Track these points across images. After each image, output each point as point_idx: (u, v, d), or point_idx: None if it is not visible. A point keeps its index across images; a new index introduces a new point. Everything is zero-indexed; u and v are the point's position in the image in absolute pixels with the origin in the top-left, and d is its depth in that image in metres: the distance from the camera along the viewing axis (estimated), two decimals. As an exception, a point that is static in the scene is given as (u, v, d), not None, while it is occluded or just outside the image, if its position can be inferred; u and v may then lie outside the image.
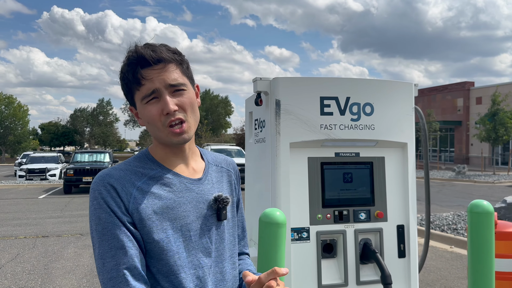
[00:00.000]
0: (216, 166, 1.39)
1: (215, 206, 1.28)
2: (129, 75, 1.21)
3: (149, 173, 1.23)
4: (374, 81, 2.63)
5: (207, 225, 1.26)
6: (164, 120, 1.20)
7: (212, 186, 1.32)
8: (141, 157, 1.28)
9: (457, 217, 9.26)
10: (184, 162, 1.30)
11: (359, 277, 2.55)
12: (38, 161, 23.48)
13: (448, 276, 5.73)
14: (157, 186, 1.21)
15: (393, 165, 2.69)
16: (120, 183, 1.17)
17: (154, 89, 1.19)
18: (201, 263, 1.23)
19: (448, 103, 36.60)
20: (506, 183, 19.83)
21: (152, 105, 1.20)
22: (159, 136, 1.24)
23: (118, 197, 1.15)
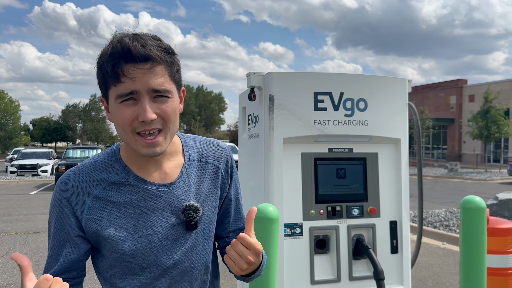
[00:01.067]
0: (200, 161, 1.23)
1: (182, 217, 1.16)
2: (108, 66, 1.03)
3: (111, 178, 1.13)
4: (368, 76, 2.62)
5: (174, 234, 1.16)
6: (136, 126, 1.06)
7: (188, 189, 1.19)
8: (109, 155, 1.17)
9: (449, 214, 9.32)
10: (156, 164, 1.16)
11: (352, 272, 2.55)
12: (29, 157, 23.31)
13: (440, 272, 5.76)
14: (117, 194, 1.12)
15: (386, 161, 2.69)
16: (74, 192, 1.11)
17: (133, 90, 1.03)
18: (163, 274, 1.17)
19: (441, 101, 36.80)
20: (497, 180, 20.00)
21: (127, 106, 1.05)
22: (127, 141, 1.09)
23: (70, 208, 1.12)
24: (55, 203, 1.14)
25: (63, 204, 1.12)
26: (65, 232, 1.13)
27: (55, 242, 1.15)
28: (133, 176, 1.14)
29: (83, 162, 1.17)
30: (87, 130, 67.39)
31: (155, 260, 1.15)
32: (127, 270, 1.15)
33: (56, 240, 1.15)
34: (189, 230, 1.17)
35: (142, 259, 1.14)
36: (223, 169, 1.29)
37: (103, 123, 69.93)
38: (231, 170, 1.32)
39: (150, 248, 1.14)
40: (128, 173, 1.14)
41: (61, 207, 1.12)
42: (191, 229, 1.17)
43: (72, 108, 69.88)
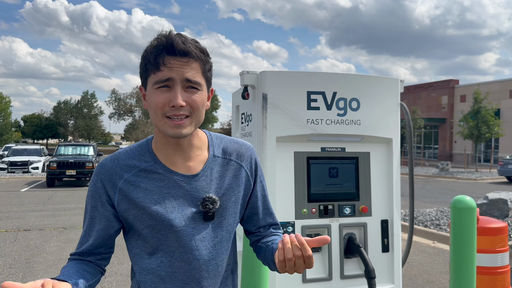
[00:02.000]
0: (223, 158, 1.33)
1: (200, 207, 1.26)
2: (151, 56, 1.19)
3: (142, 165, 1.26)
4: (361, 76, 2.64)
5: (192, 223, 1.26)
6: (166, 110, 1.19)
7: (209, 182, 1.28)
8: (142, 145, 1.31)
9: (440, 213, 9.40)
10: (182, 157, 1.28)
11: (343, 271, 2.57)
12: (20, 153, 23.10)
13: (431, 270, 5.81)
14: (145, 180, 1.25)
15: (378, 160, 2.70)
16: (108, 175, 1.26)
17: (169, 77, 1.18)
18: (182, 257, 1.26)
19: (433, 101, 37.03)
20: (488, 180, 20.19)
21: (161, 92, 1.19)
22: (156, 124, 1.23)
23: (103, 189, 1.26)
24: (92, 184, 1.28)
25: (98, 184, 1.26)
26: (98, 210, 1.27)
27: (90, 219, 1.29)
28: (160, 165, 1.26)
29: (119, 150, 1.31)
30: (78, 127, 66.91)
31: (175, 244, 1.25)
32: (149, 250, 1.27)
33: (91, 218, 1.29)
34: (206, 220, 1.27)
35: (163, 242, 1.25)
36: (247, 167, 1.37)
37: (95, 120, 69.50)
38: (255, 168, 1.40)
39: (171, 232, 1.24)
40: (156, 162, 1.26)
41: (96, 187, 1.27)
42: (208, 219, 1.27)
43: (63, 104, 69.34)
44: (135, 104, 67.64)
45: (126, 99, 68.45)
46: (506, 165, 18.87)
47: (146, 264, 1.28)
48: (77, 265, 1.25)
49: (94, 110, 69.79)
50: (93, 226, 1.29)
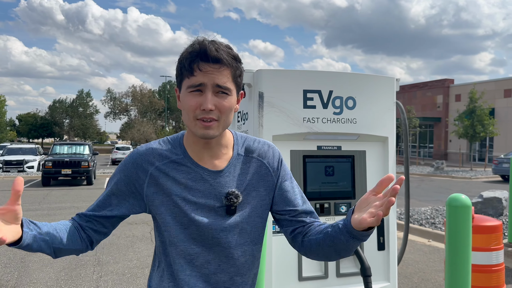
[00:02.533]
0: (246, 156, 1.42)
1: (224, 201, 1.35)
2: (186, 62, 1.29)
3: (172, 157, 1.36)
4: (357, 75, 2.65)
5: (214, 215, 1.34)
6: (197, 113, 1.28)
7: (232, 179, 1.37)
8: (175, 139, 1.41)
9: (435, 212, 9.44)
10: (209, 154, 1.37)
11: (339, 269, 2.57)
12: (15, 152, 22.99)
13: (426, 269, 5.84)
14: (174, 171, 1.35)
15: (374, 158, 2.71)
16: (142, 160, 1.36)
17: (201, 83, 1.27)
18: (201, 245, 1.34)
19: (428, 100, 37.16)
20: (482, 178, 20.29)
21: (194, 95, 1.28)
22: (187, 125, 1.33)
23: (134, 170, 1.36)
24: (123, 164, 1.39)
25: (129, 166, 1.37)
26: (119, 189, 1.38)
27: (109, 192, 1.39)
28: (189, 159, 1.36)
29: (154, 141, 1.42)
30: (74, 126, 66.67)
31: (198, 234, 1.33)
32: (174, 239, 1.34)
33: (111, 191, 1.39)
34: (229, 214, 1.35)
35: (188, 231, 1.33)
36: (269, 164, 1.44)
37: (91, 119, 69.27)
38: (279, 164, 1.47)
39: (193, 222, 1.32)
40: (186, 156, 1.36)
41: (126, 167, 1.37)
42: (231, 213, 1.35)
43: (59, 103, 69.04)
44: (131, 103, 67.45)
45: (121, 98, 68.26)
46: (501, 164, 18.97)
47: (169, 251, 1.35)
48: (65, 223, 1.35)
49: (89, 109, 69.56)
50: (110, 200, 1.39)
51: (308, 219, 1.46)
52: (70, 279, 5.32)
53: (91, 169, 16.89)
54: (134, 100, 66.71)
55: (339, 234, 1.29)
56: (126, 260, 6.16)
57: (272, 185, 1.44)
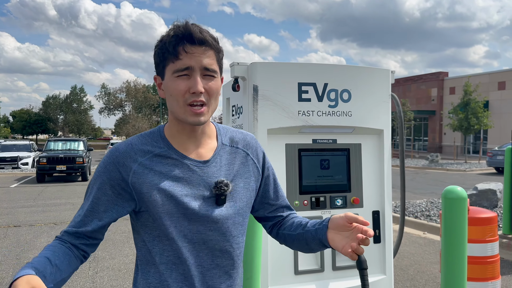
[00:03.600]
0: (231, 147, 1.39)
1: (214, 191, 1.31)
2: (169, 46, 1.24)
3: (155, 150, 1.30)
4: (352, 67, 2.63)
5: (205, 206, 1.30)
6: (187, 97, 1.24)
7: (219, 168, 1.34)
8: (154, 132, 1.35)
9: (430, 204, 9.48)
10: (194, 144, 1.33)
11: (335, 262, 2.57)
12: (9, 149, 22.84)
13: (421, 261, 5.87)
14: (159, 164, 1.29)
15: (370, 151, 2.71)
16: (123, 157, 1.28)
17: (188, 66, 1.23)
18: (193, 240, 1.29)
19: (422, 93, 37.24)
20: (477, 171, 20.40)
21: (181, 80, 1.24)
22: (176, 112, 1.27)
23: (116, 171, 1.27)
24: (102, 166, 1.30)
25: (110, 167, 1.28)
26: (105, 193, 1.28)
27: (94, 201, 1.29)
28: (174, 151, 1.30)
29: (132, 137, 1.35)
30: (68, 122, 66.29)
31: (189, 227, 1.28)
32: (164, 234, 1.28)
33: (95, 199, 1.29)
34: (218, 204, 1.31)
35: (178, 224, 1.28)
36: (253, 155, 1.44)
37: (85, 115, 68.90)
38: (263, 156, 1.47)
39: (185, 215, 1.27)
40: (170, 148, 1.31)
41: (107, 170, 1.28)
42: (221, 204, 1.31)
43: (52, 99, 68.60)
44: (125, 98, 67.12)
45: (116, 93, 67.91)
46: (495, 156, 19.07)
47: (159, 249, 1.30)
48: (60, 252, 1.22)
49: (83, 105, 69.16)
50: (97, 208, 1.29)
51: (285, 213, 1.52)
52: (66, 275, 5.30)
53: (86, 165, 16.81)
54: (128, 96, 66.39)
55: (311, 240, 1.37)
56: (122, 256, 6.15)
57: (258, 178, 1.44)
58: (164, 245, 1.29)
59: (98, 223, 1.28)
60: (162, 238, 1.29)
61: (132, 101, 66.39)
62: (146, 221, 1.30)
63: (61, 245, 1.25)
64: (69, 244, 1.27)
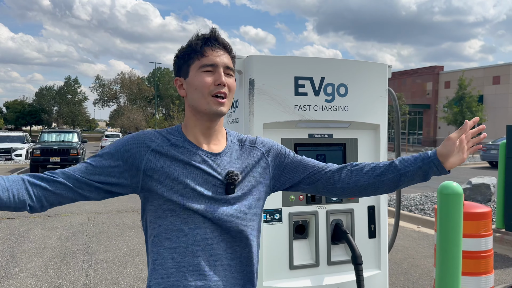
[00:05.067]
0: (239, 145, 1.51)
1: (225, 180, 1.39)
2: (196, 46, 1.40)
3: (172, 139, 1.41)
4: (349, 61, 2.61)
5: (215, 194, 1.38)
6: (212, 89, 1.37)
7: (229, 161, 1.44)
8: (173, 128, 1.48)
9: (424, 198, 9.53)
10: (207, 139, 1.44)
11: (330, 257, 2.57)
12: (3, 140, 22.67)
13: (415, 255, 5.90)
14: (174, 151, 1.38)
15: (366, 146, 2.69)
16: (143, 138, 1.39)
17: (214, 63, 1.38)
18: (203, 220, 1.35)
19: (418, 87, 37.32)
20: (471, 165, 20.52)
21: (207, 74, 1.38)
22: (199, 104, 1.39)
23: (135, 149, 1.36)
24: (125, 139, 1.40)
25: (131, 141, 1.38)
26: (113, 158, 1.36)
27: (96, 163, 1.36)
28: (188, 142, 1.42)
29: (152, 130, 1.46)
30: (63, 114, 65.89)
31: (201, 213, 1.35)
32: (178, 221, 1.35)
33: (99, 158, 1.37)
34: (228, 193, 1.39)
35: (190, 210, 1.34)
36: (260, 147, 1.54)
37: (79, 106, 68.49)
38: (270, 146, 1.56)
39: (197, 201, 1.35)
40: (185, 139, 1.42)
41: (128, 142, 1.38)
42: (230, 193, 1.39)
43: (46, 91, 68.08)
44: (120, 90, 66.74)
45: (110, 85, 67.52)
46: (489, 151, 19.17)
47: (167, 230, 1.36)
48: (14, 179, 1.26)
49: (78, 96, 68.74)
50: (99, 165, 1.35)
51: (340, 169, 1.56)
52: (59, 268, 5.28)
53: (80, 157, 16.73)
54: (123, 87, 66.02)
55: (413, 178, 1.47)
56: (116, 249, 6.13)
57: (267, 167, 1.52)
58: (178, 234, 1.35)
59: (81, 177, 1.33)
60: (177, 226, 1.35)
61: (126, 93, 66.03)
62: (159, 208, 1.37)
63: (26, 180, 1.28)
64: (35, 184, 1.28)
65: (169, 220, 1.36)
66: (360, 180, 1.52)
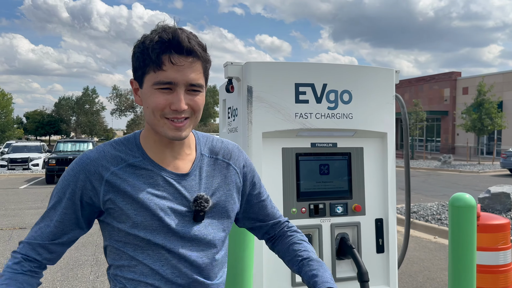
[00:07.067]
0: (210, 157, 1.29)
1: (193, 207, 1.20)
2: (152, 53, 1.10)
3: (129, 160, 1.19)
4: (353, 67, 2.49)
5: (182, 222, 1.19)
6: (167, 112, 1.13)
7: (199, 182, 1.23)
8: (129, 140, 1.23)
9: (441, 207, 9.25)
10: (172, 155, 1.22)
11: (335, 273, 2.43)
12: (20, 150, 23.00)
13: (431, 267, 5.68)
14: (133, 176, 1.17)
15: (372, 156, 2.56)
16: (94, 166, 1.16)
17: (172, 81, 1.11)
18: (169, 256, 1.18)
19: (435, 93, 36.73)
20: (490, 172, 20.00)
21: (162, 93, 1.12)
22: (153, 124, 1.16)
23: (87, 180, 1.16)
24: (70, 175, 1.18)
25: (80, 176, 1.16)
26: (72, 202, 1.17)
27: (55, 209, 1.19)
28: (150, 161, 1.19)
29: (105, 143, 1.23)
30: (81, 123, 66.84)
31: (162, 243, 1.17)
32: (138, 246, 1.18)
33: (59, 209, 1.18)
34: (196, 221, 1.20)
35: (151, 237, 1.16)
36: (235, 165, 1.32)
37: (97, 116, 69.41)
38: (247, 166, 1.36)
39: (160, 228, 1.16)
40: (145, 158, 1.19)
41: (76, 179, 1.16)
42: (199, 220, 1.21)
43: (64, 101, 69.26)
44: (137, 99, 67.35)
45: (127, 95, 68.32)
46: (509, 158, 18.66)
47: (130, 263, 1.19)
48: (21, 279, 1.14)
49: (95, 106, 69.68)
50: (68, 219, 1.19)
51: (279, 226, 1.44)
52: (66, 279, 5.22)
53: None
54: (139, 97, 66.66)
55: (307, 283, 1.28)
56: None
57: (240, 188, 1.34)
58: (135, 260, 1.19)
59: (57, 232, 1.19)
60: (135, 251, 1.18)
61: (143, 102, 66.60)
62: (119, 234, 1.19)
63: (23, 275, 1.15)
64: (28, 267, 1.17)
65: (131, 255, 1.18)
66: (280, 251, 1.41)
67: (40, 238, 1.18)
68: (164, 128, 1.15)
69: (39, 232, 1.19)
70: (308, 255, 1.33)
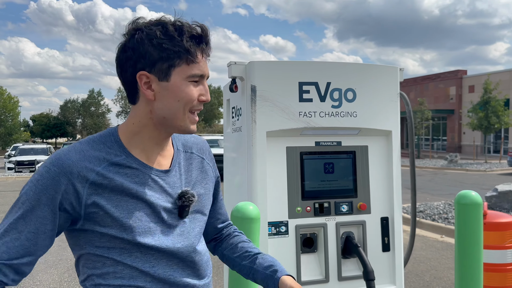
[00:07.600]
0: (185, 152, 1.29)
1: (179, 203, 1.20)
2: (186, 43, 1.10)
3: (111, 158, 1.13)
4: (357, 65, 2.48)
5: (168, 219, 1.18)
6: (195, 105, 1.16)
7: (180, 177, 1.23)
8: (106, 137, 1.16)
9: (448, 206, 9.20)
10: (157, 152, 1.20)
11: (341, 272, 2.42)
12: (27, 153, 23.19)
13: (438, 266, 5.65)
14: (117, 175, 1.12)
15: (377, 154, 2.55)
16: (76, 168, 1.08)
17: (203, 74, 1.16)
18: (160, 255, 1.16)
19: (440, 92, 36.56)
20: (497, 171, 19.86)
21: (194, 86, 1.15)
22: (176, 117, 1.14)
23: (68, 183, 1.07)
24: (47, 177, 1.06)
25: (60, 179, 1.06)
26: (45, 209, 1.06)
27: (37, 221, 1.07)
28: (133, 159, 1.15)
29: (78, 142, 1.15)
30: (87, 126, 67.19)
31: (153, 242, 1.14)
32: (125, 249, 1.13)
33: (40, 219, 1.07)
34: (182, 217, 1.20)
35: (141, 238, 1.12)
36: (207, 159, 1.35)
37: (103, 118, 69.75)
38: (213, 162, 1.40)
39: (148, 228, 1.13)
40: (128, 156, 1.15)
41: (55, 182, 1.06)
42: (185, 216, 1.20)
43: (70, 104, 69.68)
44: (142, 101, 67.55)
45: (132, 96, 68.47)
46: (517, 156, 18.52)
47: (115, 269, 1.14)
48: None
49: (101, 108, 70.03)
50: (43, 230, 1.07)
51: (226, 228, 1.49)
52: (74, 280, 5.25)
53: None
54: (145, 99, 66.87)
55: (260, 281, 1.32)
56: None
57: (213, 183, 1.38)
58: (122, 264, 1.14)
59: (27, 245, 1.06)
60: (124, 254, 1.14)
61: (148, 104, 66.81)
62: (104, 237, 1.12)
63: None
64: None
65: (116, 260, 1.12)
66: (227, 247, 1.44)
67: (6, 256, 1.04)
68: (186, 121, 1.16)
69: (3, 248, 1.04)
70: (259, 251, 1.38)
